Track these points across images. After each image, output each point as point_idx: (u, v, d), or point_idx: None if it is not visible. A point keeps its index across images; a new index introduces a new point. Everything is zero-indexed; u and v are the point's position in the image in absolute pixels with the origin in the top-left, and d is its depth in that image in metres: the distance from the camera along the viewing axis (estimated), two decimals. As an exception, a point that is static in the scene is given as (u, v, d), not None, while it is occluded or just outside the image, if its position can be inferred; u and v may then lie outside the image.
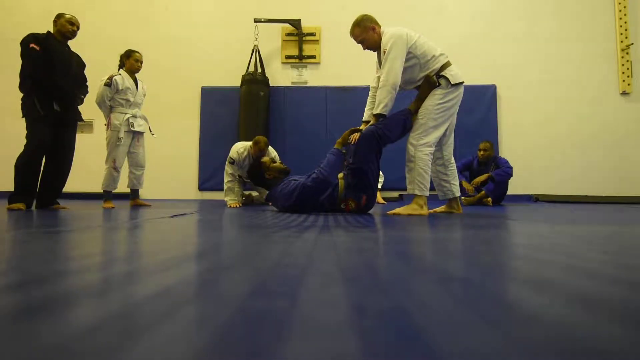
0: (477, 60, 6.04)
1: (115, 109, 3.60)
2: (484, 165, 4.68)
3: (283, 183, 2.65)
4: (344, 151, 2.58)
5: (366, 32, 2.53)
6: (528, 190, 5.84)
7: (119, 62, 3.73)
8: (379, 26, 2.56)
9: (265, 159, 2.99)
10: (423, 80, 2.49)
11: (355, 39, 2.59)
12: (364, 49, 2.64)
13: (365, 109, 2.74)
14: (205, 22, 6.34)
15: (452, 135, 2.62)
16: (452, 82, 2.43)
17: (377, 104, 2.45)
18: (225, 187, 3.94)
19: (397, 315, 0.41)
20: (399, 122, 2.48)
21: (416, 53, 2.46)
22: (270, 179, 2.85)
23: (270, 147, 4.29)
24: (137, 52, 3.71)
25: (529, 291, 0.52)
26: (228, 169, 3.97)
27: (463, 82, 2.49)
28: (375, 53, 2.61)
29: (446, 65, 2.47)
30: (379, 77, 2.65)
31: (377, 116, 2.45)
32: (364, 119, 2.73)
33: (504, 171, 4.44)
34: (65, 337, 0.33)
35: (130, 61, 3.66)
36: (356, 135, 2.57)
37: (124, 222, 1.88)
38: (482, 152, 4.64)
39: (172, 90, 6.12)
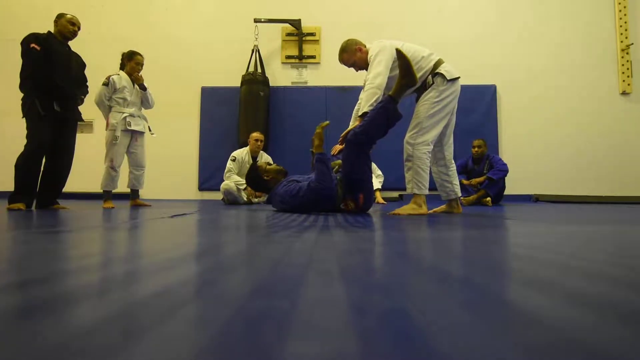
0: (477, 60, 6.05)
1: (113, 108, 3.61)
2: (478, 164, 4.72)
3: (283, 184, 2.65)
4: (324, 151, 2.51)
5: (354, 55, 2.58)
6: (528, 190, 5.84)
7: (120, 62, 3.73)
8: (364, 46, 2.59)
9: (261, 162, 3.01)
10: (398, 62, 2.34)
11: (346, 64, 2.64)
12: (357, 71, 2.67)
13: (351, 120, 2.72)
14: (205, 22, 6.34)
15: (452, 135, 2.62)
16: (448, 78, 2.42)
17: (363, 105, 2.39)
18: (225, 176, 4.41)
19: (397, 315, 0.41)
20: (378, 119, 2.32)
21: None
22: (269, 180, 2.85)
23: (265, 154, 4.55)
24: (139, 55, 3.69)
25: (529, 291, 0.52)
26: (229, 165, 4.44)
27: (459, 77, 2.48)
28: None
29: (439, 62, 2.47)
30: None
31: (363, 116, 2.38)
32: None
33: (500, 169, 4.51)
34: (65, 337, 0.33)
35: (131, 64, 3.66)
36: (337, 147, 2.56)
37: (123, 222, 1.88)
38: (475, 149, 4.75)
39: (172, 90, 6.12)
